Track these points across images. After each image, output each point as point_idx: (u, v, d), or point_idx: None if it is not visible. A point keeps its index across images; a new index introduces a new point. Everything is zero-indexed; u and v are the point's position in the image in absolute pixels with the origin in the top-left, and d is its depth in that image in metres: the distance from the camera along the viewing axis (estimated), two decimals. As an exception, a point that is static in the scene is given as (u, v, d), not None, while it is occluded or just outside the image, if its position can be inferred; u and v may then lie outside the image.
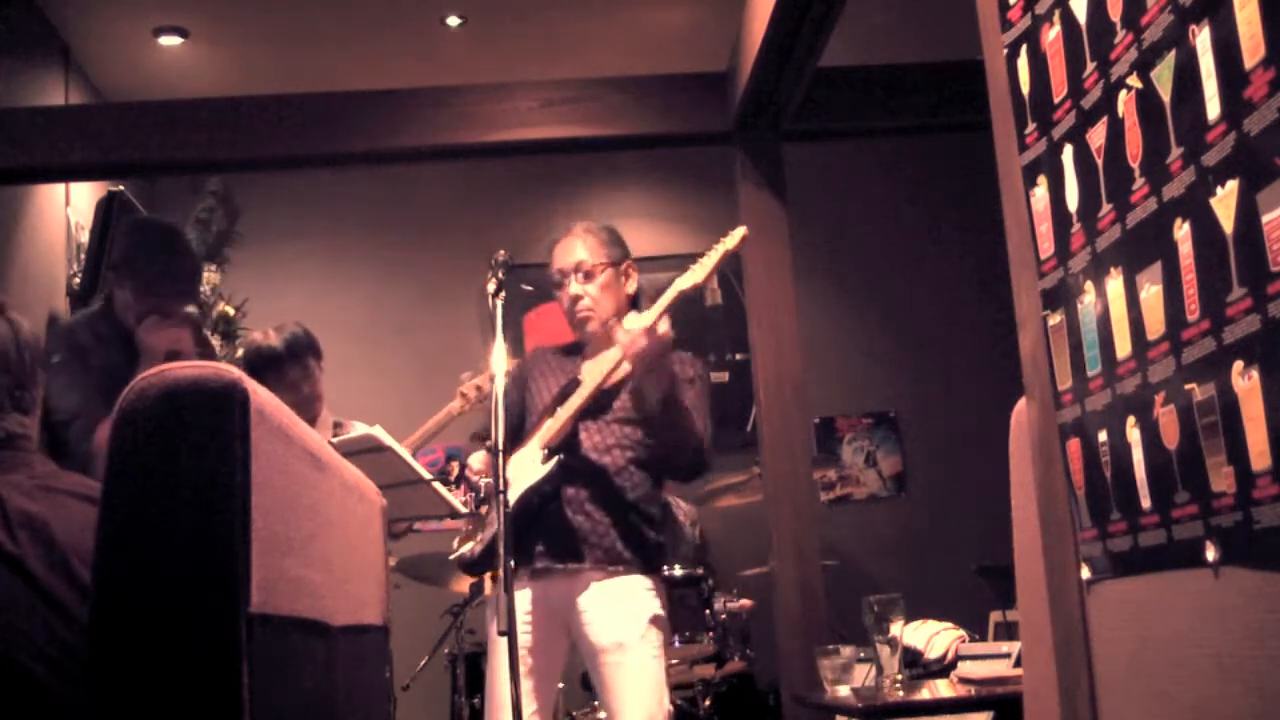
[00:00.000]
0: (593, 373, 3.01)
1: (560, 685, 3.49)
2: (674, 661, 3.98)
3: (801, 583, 3.80)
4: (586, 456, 2.97)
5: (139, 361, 3.10)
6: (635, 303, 3.13)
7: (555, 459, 2.92)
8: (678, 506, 5.19)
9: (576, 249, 3.08)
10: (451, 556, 3.23)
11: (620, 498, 2.96)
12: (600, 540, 2.92)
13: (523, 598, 2.94)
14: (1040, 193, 1.53)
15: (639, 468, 3.00)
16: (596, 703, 4.03)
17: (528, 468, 2.96)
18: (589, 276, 3.06)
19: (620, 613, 2.88)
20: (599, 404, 3.00)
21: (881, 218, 6.39)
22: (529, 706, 2.88)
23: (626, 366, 2.93)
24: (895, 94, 4.34)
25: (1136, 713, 1.39)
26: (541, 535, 2.94)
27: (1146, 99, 1.28)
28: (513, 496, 2.91)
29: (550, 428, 2.97)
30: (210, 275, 5.68)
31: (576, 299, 3.06)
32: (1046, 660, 1.61)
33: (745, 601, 4.67)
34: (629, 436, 2.99)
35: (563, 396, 3.02)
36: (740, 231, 2.94)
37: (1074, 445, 1.49)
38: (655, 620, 2.92)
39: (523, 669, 2.86)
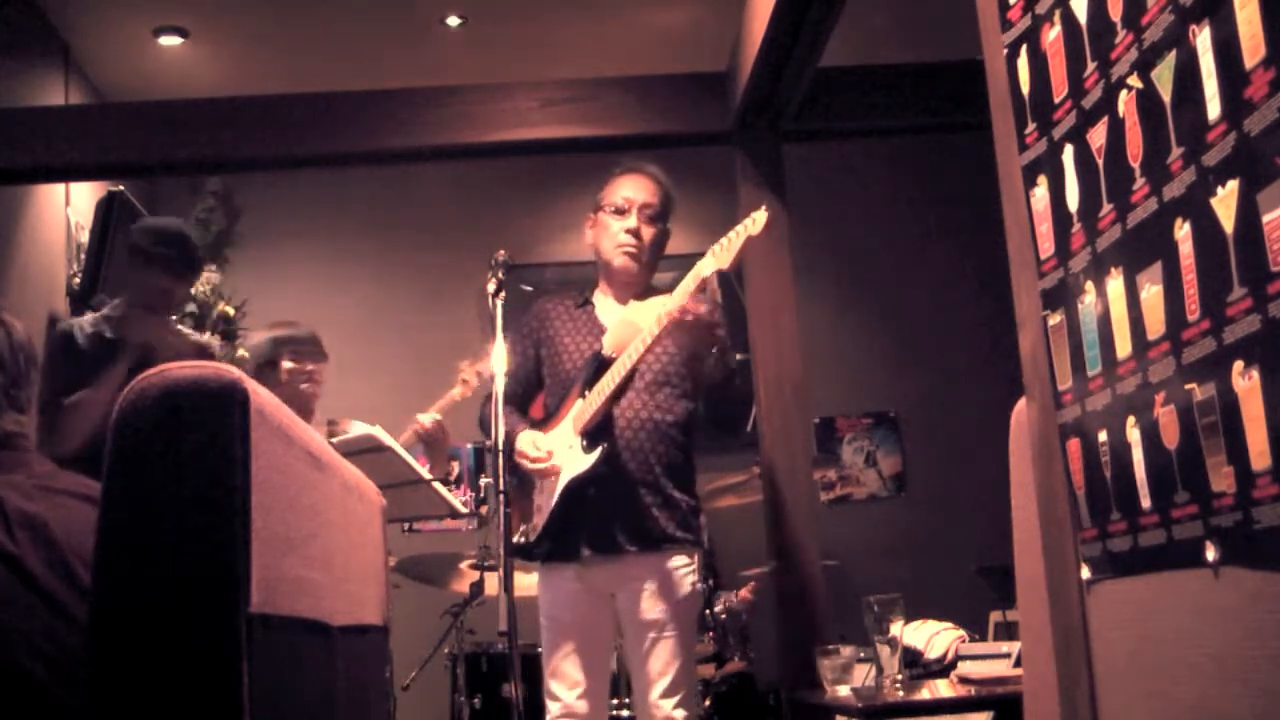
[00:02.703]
0: (617, 345, 2.98)
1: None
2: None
3: (801, 583, 3.80)
4: (624, 436, 2.96)
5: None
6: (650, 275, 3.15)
7: (600, 450, 2.90)
8: None
9: (650, 188, 3.12)
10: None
11: (660, 471, 2.97)
12: (644, 523, 2.93)
13: (564, 576, 2.98)
14: (1040, 193, 1.53)
15: (674, 430, 3.00)
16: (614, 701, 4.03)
17: (569, 456, 2.96)
18: (652, 220, 3.09)
19: (661, 594, 2.92)
20: (628, 378, 3.00)
21: (881, 218, 6.39)
22: (573, 690, 2.92)
23: (646, 341, 2.87)
24: (895, 94, 4.33)
25: (1136, 712, 1.39)
26: (585, 527, 2.95)
27: (1147, 99, 1.28)
28: (560, 484, 2.94)
29: (584, 411, 2.96)
30: (210, 275, 5.68)
31: (633, 232, 3.07)
32: (1046, 660, 1.61)
33: (745, 594, 4.65)
34: (661, 403, 2.99)
35: (591, 375, 3.00)
36: (763, 215, 2.80)
37: (1074, 445, 1.49)
38: (694, 598, 2.98)
39: (566, 649, 2.93)
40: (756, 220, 2.81)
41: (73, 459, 2.90)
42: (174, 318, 3.55)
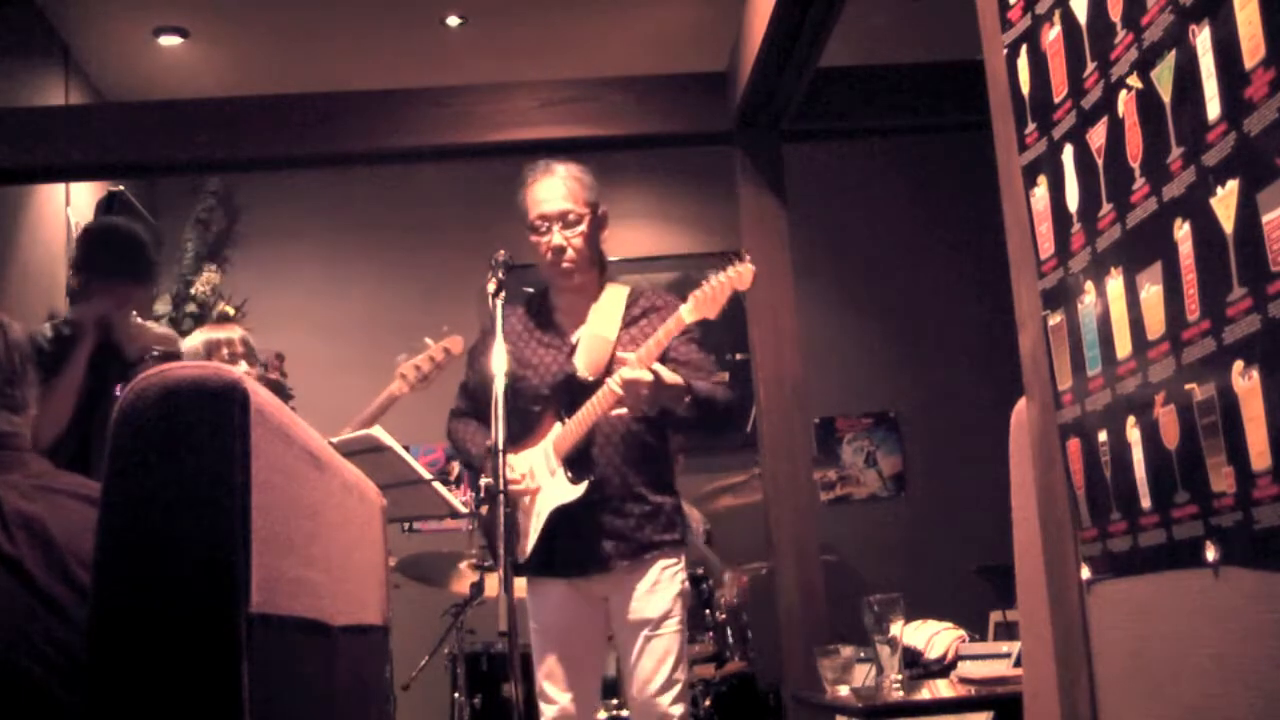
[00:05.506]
0: (591, 365, 2.98)
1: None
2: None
3: (801, 583, 3.80)
4: (604, 453, 2.96)
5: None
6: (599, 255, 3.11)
7: (587, 483, 2.92)
8: (690, 515, 5.17)
9: (559, 194, 3.00)
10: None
11: (639, 481, 2.97)
12: (631, 534, 2.95)
13: (554, 589, 2.99)
14: (1040, 193, 1.53)
15: (647, 436, 3.00)
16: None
17: (552, 482, 2.96)
18: (573, 225, 2.99)
19: (653, 594, 2.93)
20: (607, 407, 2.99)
21: (881, 218, 6.38)
22: (564, 694, 2.93)
23: (606, 402, 2.89)
24: (895, 94, 4.34)
25: (1136, 712, 1.39)
26: (573, 544, 2.95)
27: (1147, 99, 1.28)
28: (543, 508, 2.94)
29: (564, 437, 2.96)
30: (210, 275, 5.68)
31: (560, 250, 2.99)
32: (1046, 660, 1.61)
33: (743, 578, 4.63)
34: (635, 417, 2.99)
35: (567, 398, 3.00)
36: (749, 269, 2.84)
37: (1074, 445, 1.49)
38: (683, 595, 2.99)
39: (557, 653, 2.94)
40: (743, 275, 2.82)
41: (50, 449, 2.87)
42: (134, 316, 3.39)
